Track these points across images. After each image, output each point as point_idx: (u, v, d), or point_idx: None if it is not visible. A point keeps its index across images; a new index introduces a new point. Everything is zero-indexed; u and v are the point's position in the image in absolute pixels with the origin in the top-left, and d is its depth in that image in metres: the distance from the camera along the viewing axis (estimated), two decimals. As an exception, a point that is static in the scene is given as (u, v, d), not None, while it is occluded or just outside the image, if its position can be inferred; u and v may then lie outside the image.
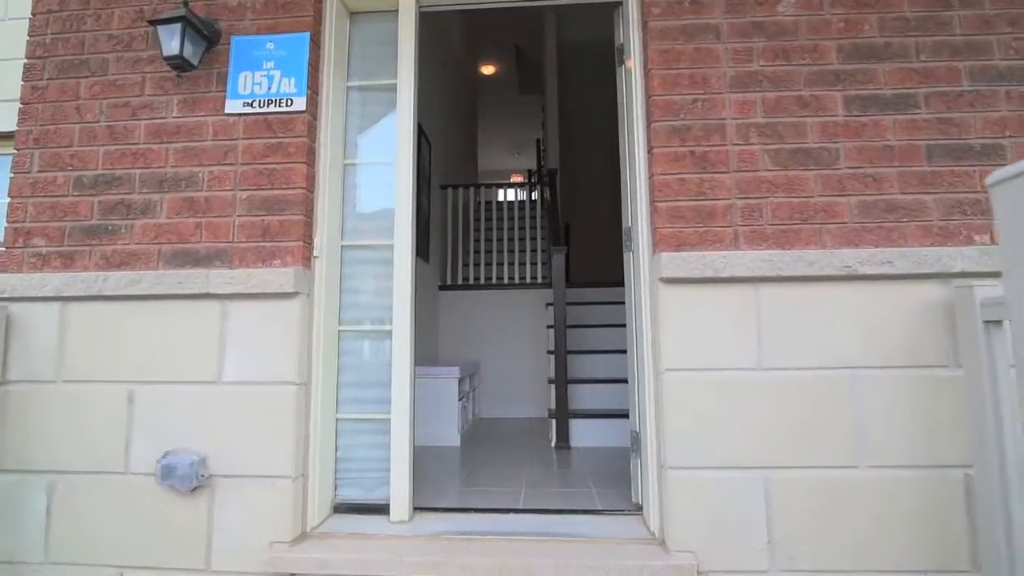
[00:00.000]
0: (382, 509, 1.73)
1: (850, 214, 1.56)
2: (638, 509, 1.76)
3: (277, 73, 1.75)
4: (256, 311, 1.64)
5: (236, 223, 1.69)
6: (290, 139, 1.71)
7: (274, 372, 1.62)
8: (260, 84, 1.75)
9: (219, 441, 1.61)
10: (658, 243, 1.58)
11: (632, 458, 1.84)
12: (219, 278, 1.63)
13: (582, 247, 7.68)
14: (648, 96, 1.66)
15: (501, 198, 10.74)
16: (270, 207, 1.69)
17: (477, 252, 5.34)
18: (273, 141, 1.72)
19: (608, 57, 6.31)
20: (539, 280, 4.23)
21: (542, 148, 7.23)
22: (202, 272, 1.65)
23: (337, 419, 1.81)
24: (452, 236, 4.47)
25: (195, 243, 1.69)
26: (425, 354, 3.71)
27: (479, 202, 5.85)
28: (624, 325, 3.83)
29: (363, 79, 1.97)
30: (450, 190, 4.34)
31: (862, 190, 1.57)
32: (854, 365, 1.50)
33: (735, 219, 1.57)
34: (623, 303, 4.22)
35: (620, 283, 4.50)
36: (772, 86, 1.62)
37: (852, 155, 1.58)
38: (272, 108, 1.73)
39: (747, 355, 1.52)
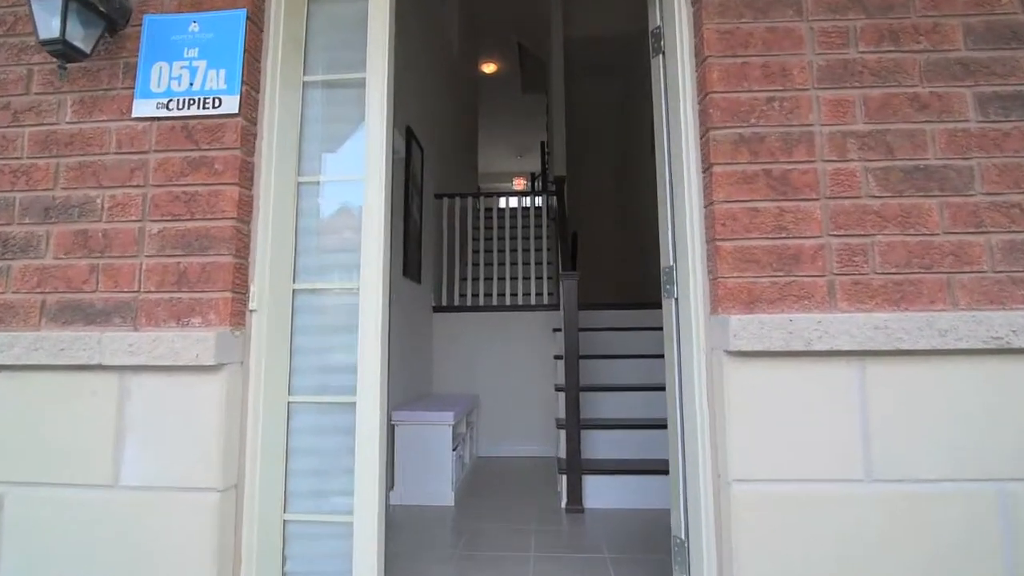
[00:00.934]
0: (343, 647, 1.29)
1: (991, 259, 1.11)
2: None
3: (202, 64, 1.31)
4: (166, 389, 1.20)
5: (143, 266, 1.25)
6: (217, 152, 1.27)
7: (188, 475, 1.18)
8: (180, 79, 1.31)
9: (114, 573, 1.16)
10: (721, 298, 1.13)
11: (676, 573, 1.39)
12: (115, 344, 1.19)
13: (591, 257, 7.24)
14: (704, 94, 1.22)
15: (503, 205, 10.33)
16: (189, 245, 1.25)
17: (476, 265, 4.90)
18: (195, 155, 1.28)
19: (619, 54, 5.71)
20: (545, 302, 3.79)
21: (547, 151, 6.79)
22: (94, 335, 1.20)
23: (285, 521, 1.37)
24: (448, 251, 4.03)
25: (89, 292, 1.25)
26: (416, 388, 3.27)
27: (479, 210, 5.42)
28: (646, 357, 3.44)
29: (326, 72, 1.53)
30: (446, 200, 3.90)
31: (1007, 226, 1.12)
32: (1006, 477, 1.05)
33: (830, 265, 1.12)
34: (645, 330, 3.85)
35: (639, 305, 4.08)
36: (876, 80, 1.17)
37: (991, 176, 1.13)
38: (194, 110, 1.29)
39: (850, 462, 1.07)
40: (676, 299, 1.38)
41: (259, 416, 1.30)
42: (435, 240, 3.85)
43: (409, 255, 3.08)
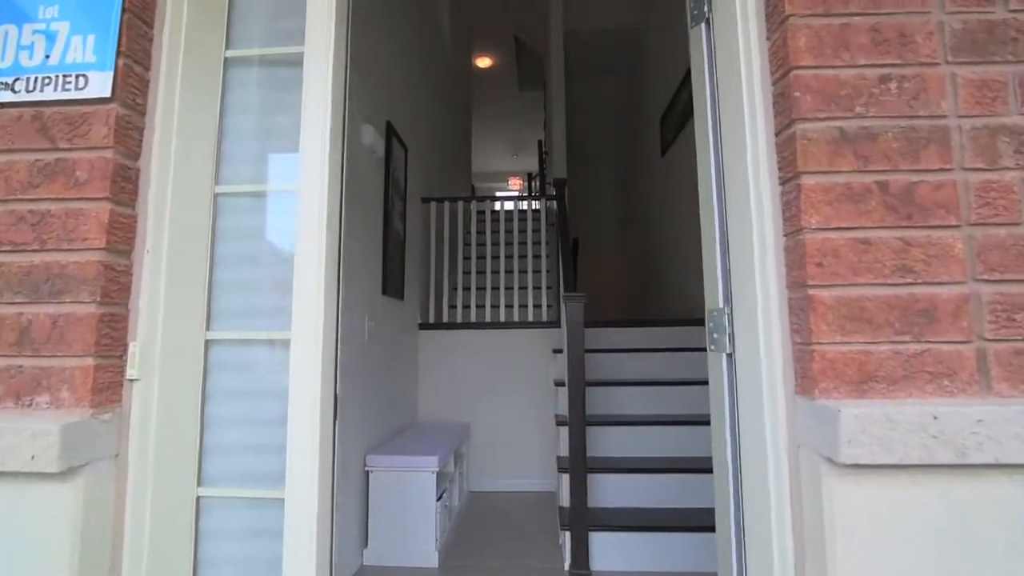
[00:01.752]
0: None
1: None
2: None
3: (63, 27, 0.92)
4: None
5: (-31, 318, 0.86)
6: (81, 153, 0.89)
7: (21, 636, 0.80)
8: (31, 49, 0.92)
9: None
10: (817, 374, 0.75)
11: None
12: (-85, 438, 0.80)
13: (591, 266, 6.87)
14: (785, 70, 0.84)
15: (498, 208, 9.90)
16: (36, 288, 0.86)
17: (467, 273, 4.52)
18: (49, 157, 0.89)
19: (621, 50, 5.21)
20: (544, 318, 3.41)
21: (544, 151, 6.41)
22: None
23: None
24: (436, 262, 3.64)
25: None
26: (397, 419, 2.89)
27: (470, 215, 5.04)
28: (660, 384, 3.07)
29: (264, 44, 1.14)
30: (434, 204, 3.51)
31: None
32: None
33: (979, 326, 0.75)
34: (656, 351, 3.46)
35: (648, 322, 3.69)
36: (1038, 51, 0.80)
37: None
38: (50, 93, 0.90)
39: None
40: (731, 356, 1.00)
41: (145, 527, 0.92)
42: (421, 249, 3.46)
43: (389, 270, 2.70)
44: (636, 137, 5.53)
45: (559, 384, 2.90)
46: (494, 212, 7.00)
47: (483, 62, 7.30)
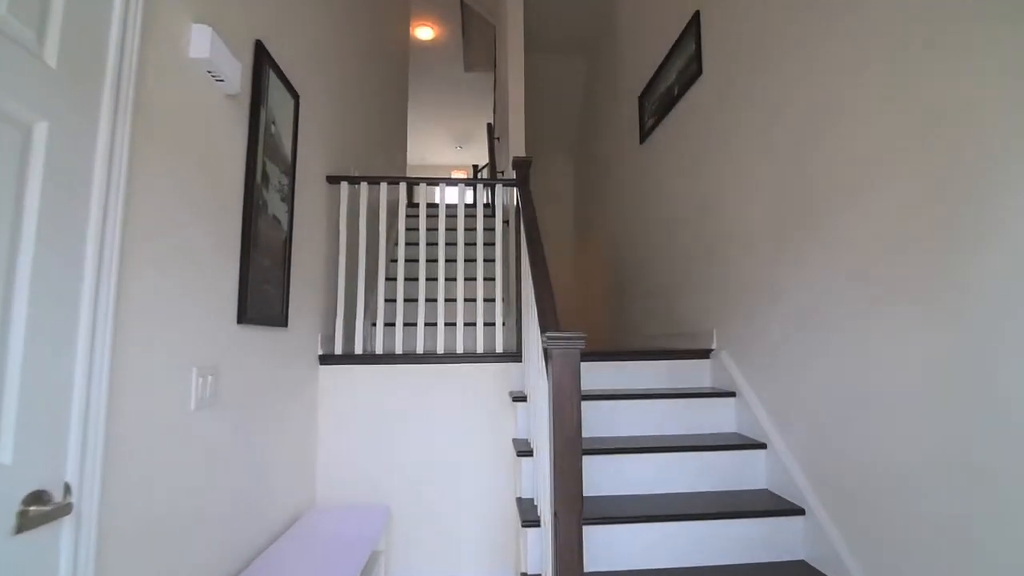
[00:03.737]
0: None
1: None
2: None
3: None
4: None
5: None
6: None
7: None
8: None
9: None
10: None
11: None
12: None
13: (554, 276, 5.99)
14: None
15: (439, 199, 8.67)
16: None
17: (392, 280, 3.49)
18: None
19: (584, 24, 4.03)
20: (499, 348, 2.47)
21: (496, 136, 5.48)
22: None
23: None
24: (348, 269, 2.61)
25: None
26: (272, 518, 1.84)
27: (396, 206, 4.01)
28: (665, 450, 1.73)
29: None
30: (346, 186, 2.48)
31: None
32: None
33: None
34: (660, 397, 2.04)
35: (641, 354, 2.16)
36: None
37: None
38: None
39: None
40: None
41: None
42: (325, 251, 2.42)
43: (256, 283, 1.66)
44: (606, 123, 4.71)
45: (523, 454, 1.97)
46: (431, 207, 5.97)
47: (424, 32, 6.28)
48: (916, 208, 1.42)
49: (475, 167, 9.09)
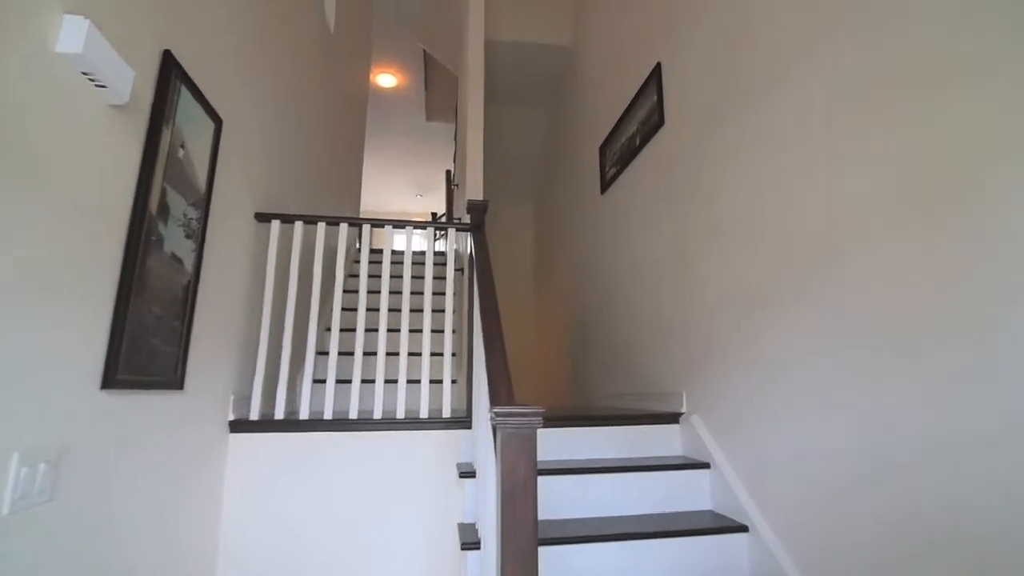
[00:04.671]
0: None
1: None
2: None
3: None
4: None
5: None
6: None
7: None
8: None
9: None
10: None
11: None
12: None
13: (505, 326, 5.76)
14: None
15: (398, 245, 8.32)
16: None
17: (327, 331, 3.15)
18: None
19: (546, 76, 4.13)
20: (446, 413, 2.16)
21: (454, 183, 5.34)
22: None
23: None
24: (273, 320, 2.28)
25: None
26: (142, 638, 1.42)
27: (332, 253, 3.72)
28: (648, 537, 1.24)
29: None
30: (277, 225, 2.20)
31: None
32: None
33: None
34: (627, 470, 1.40)
35: (607, 419, 1.68)
36: None
37: None
38: None
39: None
40: None
41: None
42: (247, 298, 2.10)
43: (135, 338, 1.33)
44: (567, 173, 4.65)
45: (468, 546, 1.64)
46: (374, 252, 5.69)
47: (386, 79, 6.23)
48: (904, 273, 1.28)
49: (434, 215, 8.95)
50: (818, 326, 1.56)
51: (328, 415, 2.04)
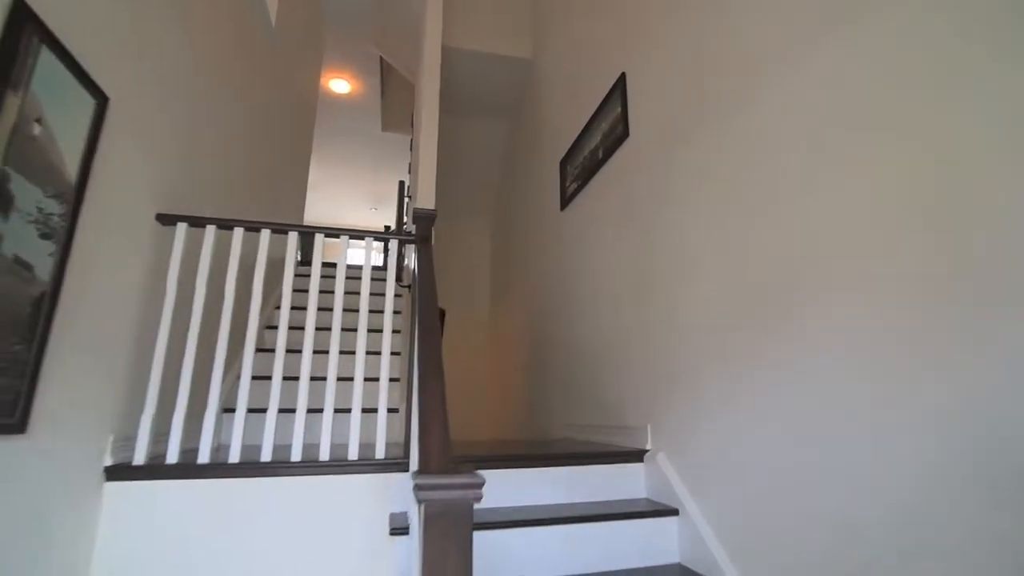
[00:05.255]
0: None
1: None
2: None
3: None
4: None
5: None
6: None
7: None
8: None
9: None
10: None
11: None
12: None
13: (459, 353, 5.47)
14: None
15: (349, 259, 7.73)
16: None
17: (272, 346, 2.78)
18: None
19: (505, 87, 3.95)
20: (379, 454, 1.84)
21: (408, 195, 5.06)
22: None
23: None
24: (171, 341, 1.92)
25: None
26: None
27: (246, 262, 3.36)
28: None
29: None
30: (183, 228, 1.86)
31: None
32: None
33: None
34: (585, 520, 1.30)
35: (577, 459, 1.24)
36: None
37: None
38: None
39: None
40: None
41: None
42: (137, 316, 1.74)
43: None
44: (526, 187, 4.47)
45: (398, 531, 1.34)
46: (302, 261, 5.29)
47: (339, 85, 5.92)
48: (895, 301, 1.11)
49: (387, 227, 8.61)
50: (793, 371, 1.38)
51: (234, 457, 1.70)
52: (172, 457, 1.67)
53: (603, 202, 2.76)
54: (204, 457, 1.69)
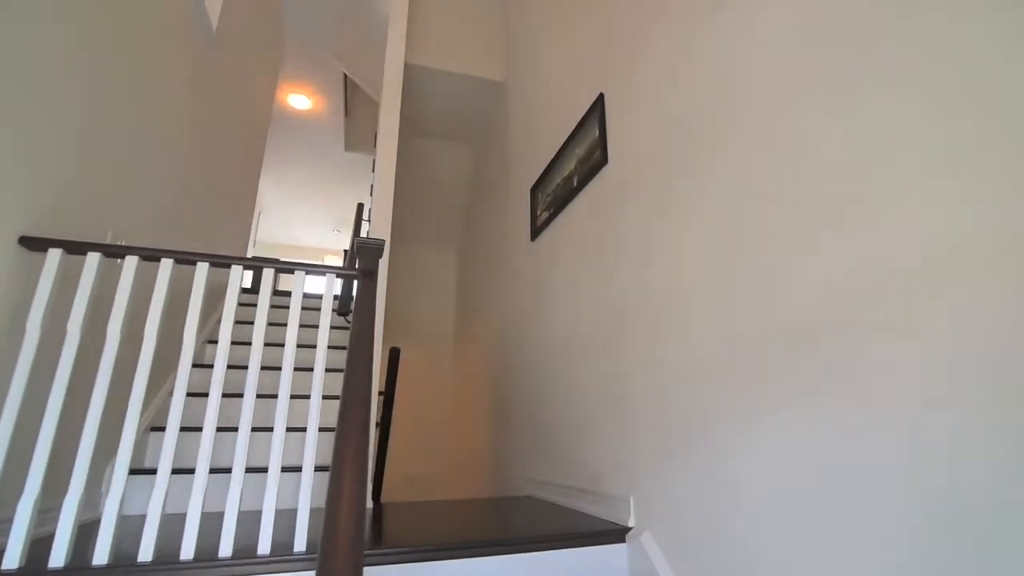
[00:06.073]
0: None
1: None
2: None
3: None
4: None
5: None
6: None
7: None
8: None
9: None
10: None
11: None
12: None
13: (415, 398, 5.08)
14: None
15: (306, 289, 7.27)
16: None
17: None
18: None
19: (471, 112, 3.64)
20: (299, 547, 1.47)
21: (367, 219, 4.72)
22: None
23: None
24: (31, 393, 1.51)
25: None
26: None
27: (218, 288, 2.97)
28: None
29: None
30: (57, 256, 1.48)
31: None
32: None
33: None
34: None
35: (547, 542, 1.17)
36: None
37: None
38: None
39: None
40: None
41: None
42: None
43: None
44: (493, 216, 4.20)
45: None
46: (246, 292, 4.86)
47: (299, 100, 5.60)
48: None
49: (346, 251, 8.20)
50: (795, 447, 1.11)
51: (101, 557, 1.29)
52: (11, 562, 1.25)
53: (577, 233, 2.50)
54: (58, 558, 1.27)
